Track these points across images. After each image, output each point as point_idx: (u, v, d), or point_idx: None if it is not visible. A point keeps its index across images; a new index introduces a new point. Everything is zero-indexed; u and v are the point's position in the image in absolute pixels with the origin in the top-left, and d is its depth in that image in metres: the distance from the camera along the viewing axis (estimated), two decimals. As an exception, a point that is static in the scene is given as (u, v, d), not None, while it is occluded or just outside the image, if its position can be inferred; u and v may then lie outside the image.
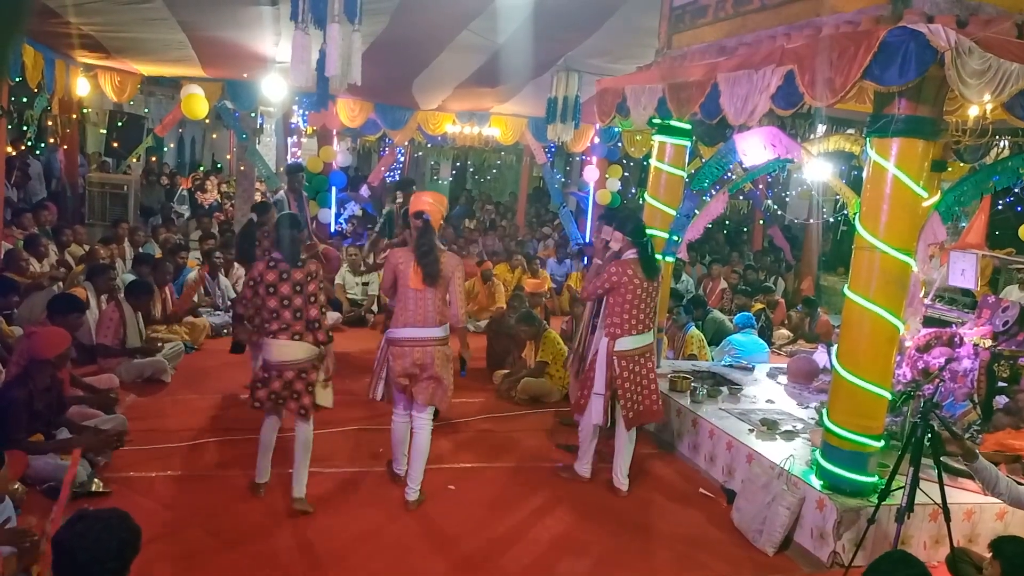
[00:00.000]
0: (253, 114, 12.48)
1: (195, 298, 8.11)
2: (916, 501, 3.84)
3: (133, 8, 7.45)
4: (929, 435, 3.85)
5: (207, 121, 12.31)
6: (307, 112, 13.30)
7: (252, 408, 4.63)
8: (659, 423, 5.39)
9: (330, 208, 12.38)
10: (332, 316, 8.99)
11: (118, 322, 6.50)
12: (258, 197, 13.64)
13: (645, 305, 5.08)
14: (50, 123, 11.45)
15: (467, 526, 4.58)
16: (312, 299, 4.47)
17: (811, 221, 12.14)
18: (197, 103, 10.38)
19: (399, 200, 7.40)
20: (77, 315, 5.69)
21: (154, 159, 14.73)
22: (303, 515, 4.47)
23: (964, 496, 4.60)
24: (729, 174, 8.26)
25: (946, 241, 6.31)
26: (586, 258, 11.73)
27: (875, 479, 4.48)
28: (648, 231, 5.26)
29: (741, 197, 14.72)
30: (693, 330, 7.92)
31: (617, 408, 5.15)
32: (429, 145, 17.03)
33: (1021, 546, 3.33)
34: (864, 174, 4.55)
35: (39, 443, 4.50)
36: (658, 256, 6.69)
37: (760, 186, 13.74)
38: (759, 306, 9.89)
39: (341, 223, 13.52)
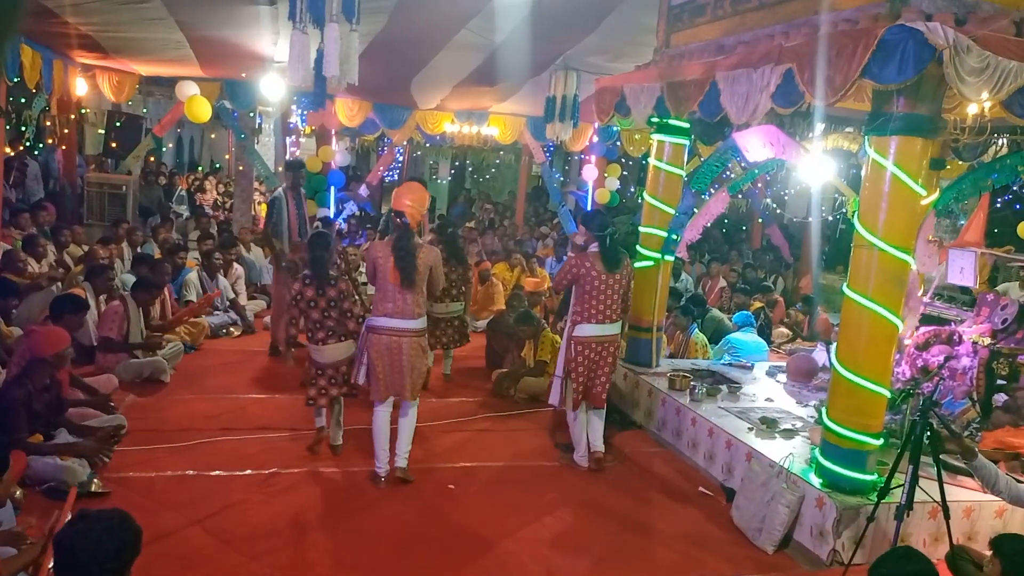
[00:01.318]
0: (252, 114, 12.48)
1: (201, 315, 8.03)
2: (915, 499, 3.84)
3: (131, 8, 7.45)
4: (928, 433, 3.85)
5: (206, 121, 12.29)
6: (305, 112, 13.29)
7: (307, 406, 5.29)
8: (598, 404, 5.52)
9: (329, 207, 12.37)
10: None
11: (122, 316, 6.50)
12: (257, 197, 13.66)
13: (606, 296, 5.25)
14: (48, 123, 11.43)
15: (467, 525, 4.58)
16: (349, 314, 5.19)
17: (810, 219, 12.14)
18: (201, 106, 10.36)
19: None
20: (82, 315, 5.70)
21: (152, 159, 14.72)
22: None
23: (963, 494, 4.61)
24: (728, 173, 8.26)
25: (944, 239, 6.32)
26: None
27: (874, 477, 4.49)
28: (610, 227, 5.41)
29: (740, 196, 14.71)
30: (697, 334, 7.90)
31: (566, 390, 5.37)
32: (428, 144, 17.01)
33: (1022, 544, 3.33)
34: (863, 172, 4.56)
35: (38, 444, 4.50)
36: (657, 254, 6.74)
37: (759, 185, 13.74)
38: (758, 305, 9.88)
39: (340, 222, 13.52)
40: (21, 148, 11.45)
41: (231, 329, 8.38)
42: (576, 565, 4.29)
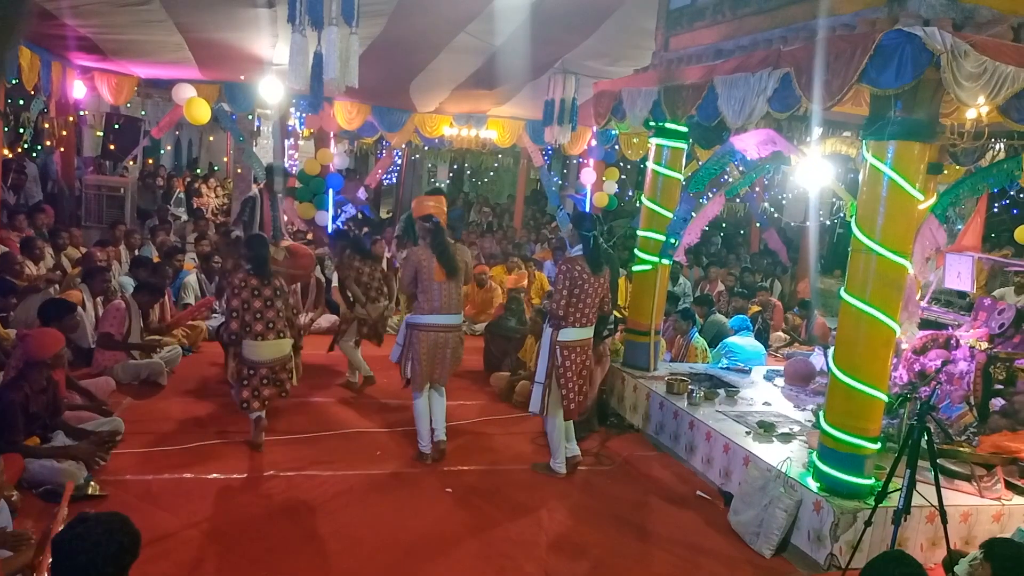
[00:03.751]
0: (250, 116, 12.47)
1: (198, 320, 8.05)
2: (913, 503, 3.84)
3: (130, 10, 7.45)
4: (925, 437, 3.86)
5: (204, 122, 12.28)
6: (304, 114, 13.27)
7: (241, 410, 5.11)
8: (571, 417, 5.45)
9: (327, 210, 12.36)
10: (329, 318, 8.98)
11: (124, 314, 6.52)
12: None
13: (590, 299, 5.20)
14: (47, 126, 11.41)
15: (465, 528, 4.58)
16: (295, 310, 5.33)
17: (807, 224, 12.15)
18: (199, 108, 10.35)
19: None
20: (70, 316, 5.66)
21: (151, 161, 14.70)
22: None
23: (961, 498, 4.62)
24: (726, 177, 8.26)
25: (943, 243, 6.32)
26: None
27: (872, 481, 4.49)
28: (596, 230, 5.27)
29: (738, 200, 14.72)
30: (697, 338, 7.91)
31: (550, 396, 5.23)
32: (426, 147, 17.00)
33: (1012, 548, 3.34)
34: (860, 177, 4.56)
35: (35, 447, 4.48)
36: (655, 258, 6.75)
37: (757, 189, 13.74)
38: (756, 309, 9.89)
39: (338, 225, 13.50)
40: (20, 150, 11.42)
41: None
42: (574, 568, 4.28)
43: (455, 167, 22.23)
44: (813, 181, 7.01)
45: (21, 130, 10.81)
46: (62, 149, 11.55)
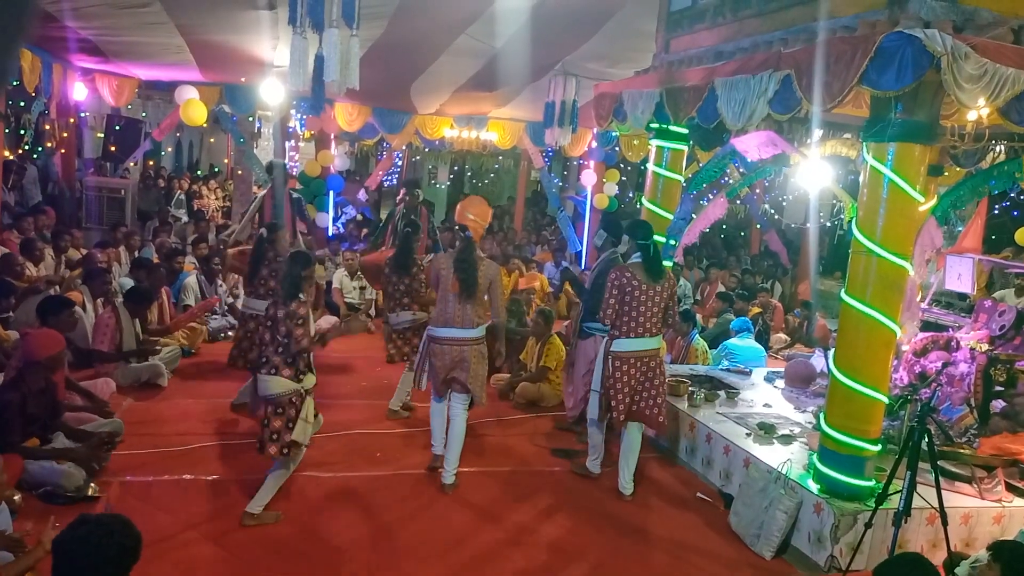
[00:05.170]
0: (251, 118, 12.48)
1: (198, 321, 8.04)
2: (913, 505, 3.85)
3: (131, 12, 7.46)
4: (926, 439, 3.86)
5: (205, 125, 12.29)
6: (305, 116, 13.29)
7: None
8: (659, 432, 5.38)
9: (327, 212, 12.36)
10: (329, 320, 8.99)
11: (114, 328, 6.46)
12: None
13: (647, 308, 5.05)
14: (47, 127, 11.42)
15: (464, 530, 4.58)
16: (287, 338, 4.34)
17: (808, 225, 12.15)
18: (196, 109, 10.37)
19: (402, 200, 7.56)
20: (68, 313, 5.63)
21: (151, 163, 14.71)
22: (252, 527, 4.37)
23: (961, 500, 4.61)
24: (726, 178, 8.28)
25: (943, 245, 6.33)
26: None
27: (872, 483, 4.49)
28: (649, 238, 5.22)
29: (738, 202, 14.72)
30: (698, 340, 7.91)
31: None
32: (427, 149, 17.02)
33: (1021, 550, 3.34)
34: (861, 178, 4.57)
35: (34, 448, 4.47)
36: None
37: (757, 191, 13.74)
38: (756, 310, 9.89)
39: (338, 227, 13.51)
40: (20, 152, 11.43)
41: (229, 333, 8.37)
42: (573, 570, 4.28)
43: (456, 169, 22.22)
44: (813, 183, 7.02)
45: (22, 131, 10.82)
46: (63, 151, 11.56)
